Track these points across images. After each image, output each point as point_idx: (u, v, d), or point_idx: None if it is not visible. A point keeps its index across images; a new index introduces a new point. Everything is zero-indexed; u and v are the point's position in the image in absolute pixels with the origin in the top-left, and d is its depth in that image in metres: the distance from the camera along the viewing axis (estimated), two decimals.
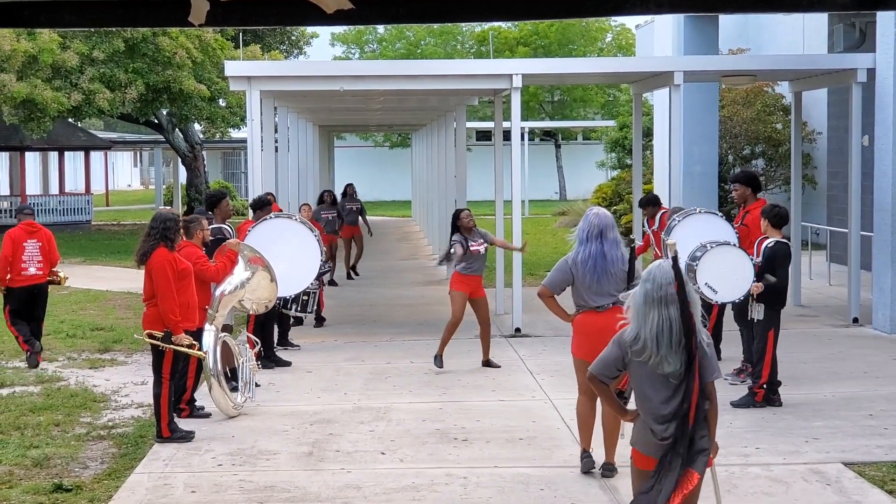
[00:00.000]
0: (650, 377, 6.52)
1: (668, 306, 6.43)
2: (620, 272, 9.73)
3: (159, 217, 11.28)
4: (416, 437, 11.24)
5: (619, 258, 9.76)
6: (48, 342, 17.07)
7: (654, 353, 6.44)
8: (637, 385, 6.64)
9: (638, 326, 6.51)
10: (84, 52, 32.39)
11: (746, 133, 29.34)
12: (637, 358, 6.52)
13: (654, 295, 6.46)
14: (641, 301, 6.50)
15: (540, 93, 62.12)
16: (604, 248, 9.72)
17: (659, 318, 6.42)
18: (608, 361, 6.70)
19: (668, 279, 6.46)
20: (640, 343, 6.48)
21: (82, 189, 50.77)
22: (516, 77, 17.75)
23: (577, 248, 9.84)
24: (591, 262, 9.71)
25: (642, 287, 6.53)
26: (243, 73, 17.93)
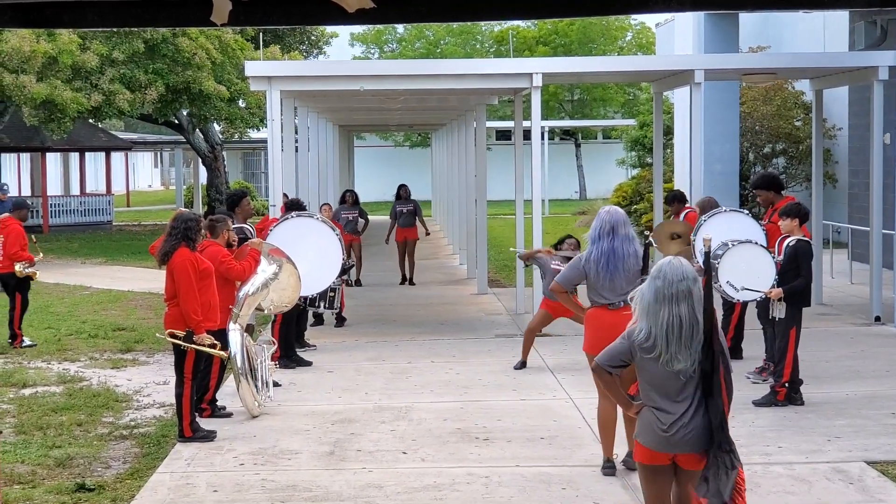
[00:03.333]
0: (660, 374, 6.53)
1: (678, 303, 6.43)
2: (633, 269, 9.75)
3: (181, 217, 11.31)
4: (437, 437, 11.24)
5: (631, 254, 9.79)
6: (71, 342, 17.16)
7: (665, 350, 6.44)
8: (645, 380, 6.65)
9: (649, 323, 6.50)
10: (104, 53, 32.46)
11: (767, 130, 29.26)
12: (647, 355, 6.53)
13: (664, 292, 6.45)
14: (652, 298, 6.50)
15: (560, 92, 62.08)
16: (615, 245, 9.75)
17: (670, 316, 6.43)
18: (614, 353, 6.71)
19: (679, 276, 6.46)
20: (651, 340, 6.48)
21: (103, 190, 50.93)
22: (536, 76, 17.75)
23: (589, 246, 9.88)
24: (604, 259, 9.75)
25: (652, 284, 6.53)
26: (264, 74, 17.97)
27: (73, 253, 32.82)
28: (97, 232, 42.25)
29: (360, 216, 23.95)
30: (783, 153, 30.07)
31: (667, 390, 6.54)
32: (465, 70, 19.84)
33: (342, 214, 23.41)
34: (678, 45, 30.66)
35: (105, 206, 46.15)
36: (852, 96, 26.64)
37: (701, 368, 6.46)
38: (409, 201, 25.00)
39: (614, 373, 6.77)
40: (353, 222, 23.51)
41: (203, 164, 44.76)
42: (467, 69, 20.11)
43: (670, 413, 6.52)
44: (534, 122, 18.18)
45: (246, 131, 41.35)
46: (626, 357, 6.65)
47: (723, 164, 24.73)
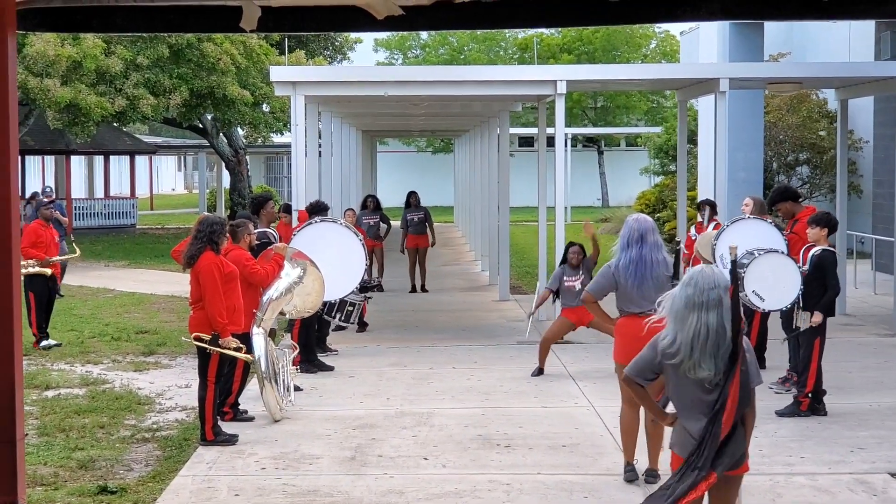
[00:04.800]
0: (685, 381, 6.51)
1: (707, 311, 6.41)
2: (662, 276, 9.74)
3: (206, 221, 11.33)
4: (458, 443, 11.23)
5: (660, 262, 9.78)
6: (94, 345, 17.22)
7: (688, 356, 6.42)
8: (673, 388, 6.64)
9: (675, 330, 6.49)
10: (128, 57, 32.58)
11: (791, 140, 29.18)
12: (669, 361, 6.51)
13: (695, 300, 6.44)
14: (682, 305, 6.48)
15: (583, 99, 62.05)
16: (643, 252, 9.74)
17: (697, 323, 6.41)
18: (643, 364, 6.70)
19: (710, 284, 6.44)
20: (675, 346, 6.47)
21: (127, 193, 51.08)
22: (561, 83, 17.75)
23: (618, 254, 9.87)
24: (633, 266, 9.74)
25: (683, 291, 6.51)
26: (288, 79, 18.01)
27: (96, 256, 32.91)
28: (121, 235, 42.38)
29: (381, 221, 23.92)
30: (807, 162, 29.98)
31: (692, 398, 6.52)
32: (489, 77, 19.84)
33: (363, 220, 23.41)
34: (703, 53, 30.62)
35: (129, 209, 46.31)
36: (878, 106, 26.55)
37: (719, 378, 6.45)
38: (419, 209, 24.82)
39: (645, 385, 6.76)
40: (374, 227, 23.48)
41: (226, 168, 44.85)
42: (492, 76, 20.12)
43: (699, 421, 6.49)
44: (557, 129, 18.17)
45: (269, 136, 41.41)
46: (655, 367, 6.63)
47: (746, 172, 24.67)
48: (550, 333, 14.89)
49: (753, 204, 14.59)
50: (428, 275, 24.55)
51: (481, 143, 29.20)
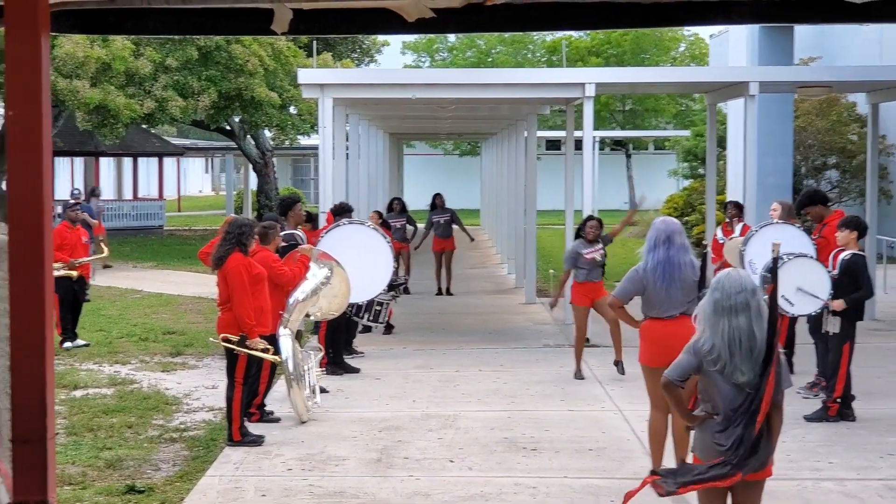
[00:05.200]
0: (724, 386, 6.51)
1: (737, 315, 6.42)
2: (689, 279, 9.70)
3: (235, 223, 11.37)
4: (484, 446, 11.24)
5: (687, 264, 9.75)
6: (122, 345, 17.30)
7: (728, 362, 6.42)
8: (709, 393, 6.63)
9: (712, 336, 6.49)
10: (157, 59, 32.71)
11: (820, 144, 29.08)
12: (713, 367, 6.51)
13: (723, 304, 6.45)
14: (711, 310, 6.50)
15: (612, 102, 61.95)
16: (670, 254, 9.72)
17: (729, 328, 6.42)
18: (683, 368, 6.69)
19: (737, 288, 6.45)
20: (716, 352, 6.47)
21: (155, 194, 51.28)
22: (589, 86, 17.73)
23: (645, 257, 9.84)
24: (660, 268, 9.70)
25: (711, 296, 6.53)
26: (316, 81, 18.06)
27: (124, 257, 33.04)
28: (149, 236, 42.54)
29: (408, 223, 23.93)
30: (836, 167, 29.86)
31: (731, 403, 6.52)
32: (517, 79, 19.85)
33: (390, 222, 23.44)
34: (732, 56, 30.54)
35: (157, 210, 46.50)
36: None
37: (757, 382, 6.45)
38: (445, 211, 24.80)
39: (683, 387, 6.76)
40: (400, 230, 23.49)
41: (253, 169, 44.97)
42: (520, 78, 20.13)
43: (730, 427, 6.49)
44: (586, 132, 18.15)
45: (296, 138, 41.51)
46: (694, 371, 6.63)
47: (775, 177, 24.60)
48: (577, 332, 14.86)
49: (781, 208, 14.55)
50: (454, 277, 24.56)
51: (508, 145, 29.21)
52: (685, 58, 64.69)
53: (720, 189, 28.87)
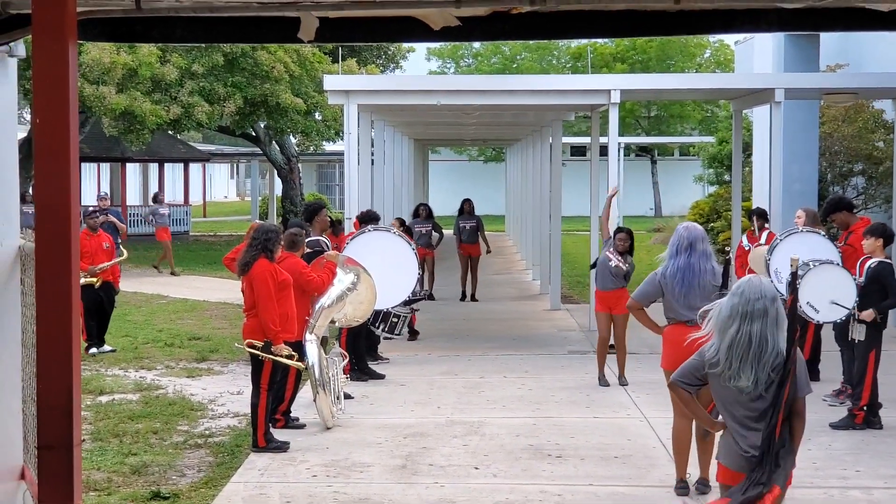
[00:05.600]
0: (726, 390, 6.52)
1: (751, 322, 6.41)
2: (709, 285, 9.71)
3: (261, 229, 11.40)
4: (509, 453, 11.22)
5: (708, 270, 9.75)
6: (147, 350, 17.35)
7: (727, 365, 6.43)
8: (716, 398, 6.64)
9: (718, 340, 6.51)
10: (183, 66, 32.81)
11: (846, 151, 28.94)
12: (712, 370, 6.52)
13: (740, 309, 6.45)
14: (727, 314, 6.50)
15: (636, 108, 61.89)
16: (691, 261, 9.73)
17: (738, 333, 6.42)
18: (688, 370, 6.73)
19: (756, 294, 6.45)
20: (718, 356, 6.48)
21: (181, 200, 51.40)
22: (615, 92, 17.72)
23: (666, 262, 9.88)
24: (680, 274, 9.73)
25: (729, 300, 6.53)
26: (342, 88, 18.10)
27: (150, 262, 33.12)
28: (174, 242, 42.59)
29: (434, 230, 23.94)
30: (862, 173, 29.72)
31: (740, 410, 6.52)
32: (542, 86, 19.86)
33: (415, 228, 23.44)
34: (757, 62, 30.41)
35: (183, 216, 46.60)
36: None
37: (775, 389, 6.43)
38: (472, 217, 24.80)
39: (691, 391, 6.75)
40: (426, 236, 23.49)
41: (278, 175, 45.04)
42: (545, 85, 20.14)
43: (747, 435, 6.49)
44: (611, 138, 18.14)
45: (321, 144, 41.56)
46: (700, 374, 6.64)
47: (801, 183, 24.48)
48: (599, 338, 14.87)
49: (806, 216, 14.49)
50: (479, 283, 24.56)
51: (533, 152, 29.19)
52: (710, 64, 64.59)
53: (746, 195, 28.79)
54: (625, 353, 14.83)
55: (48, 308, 4.74)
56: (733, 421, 6.57)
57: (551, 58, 67.00)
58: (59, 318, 4.72)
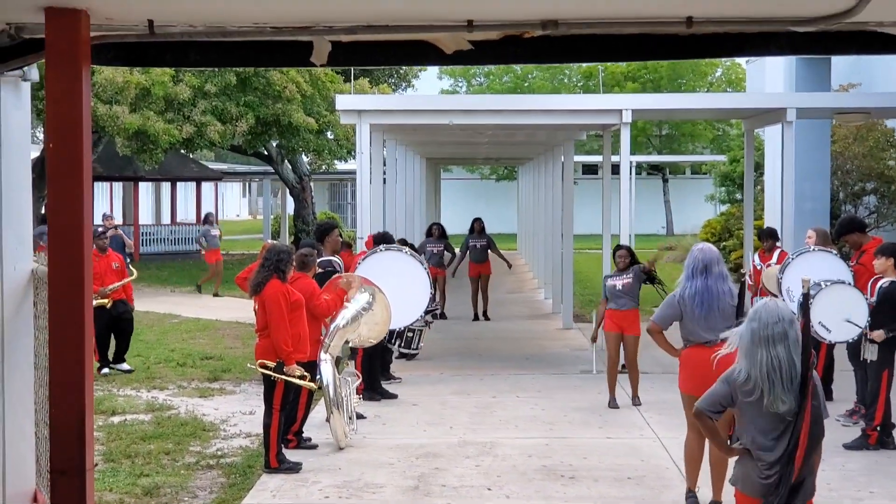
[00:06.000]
0: (762, 416, 6.47)
1: (775, 345, 6.38)
2: (728, 307, 9.71)
3: (273, 249, 11.42)
4: (522, 474, 11.20)
5: (725, 292, 9.76)
6: (159, 370, 17.35)
7: (769, 392, 6.38)
8: (746, 424, 6.59)
9: (748, 366, 6.46)
10: (196, 85, 32.87)
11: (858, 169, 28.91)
12: (748, 398, 6.47)
13: (760, 334, 6.42)
14: (749, 340, 6.47)
15: (648, 127, 61.87)
16: (709, 283, 9.74)
17: (768, 357, 6.38)
18: (715, 398, 6.66)
19: (774, 318, 6.42)
20: (752, 383, 6.43)
21: (193, 219, 51.44)
22: (626, 112, 17.71)
23: (683, 284, 9.88)
24: (698, 297, 9.73)
25: (748, 326, 6.50)
26: (354, 107, 18.11)
27: (162, 281, 33.17)
28: (187, 261, 42.63)
29: (445, 249, 23.94)
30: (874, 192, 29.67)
31: (768, 434, 6.47)
32: (554, 106, 19.85)
33: (428, 247, 23.45)
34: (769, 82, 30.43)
35: (195, 235, 46.59)
36: None
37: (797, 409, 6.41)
38: (482, 235, 24.80)
39: (715, 418, 6.73)
40: (438, 255, 23.50)
41: (290, 194, 45.07)
42: (557, 105, 20.13)
43: (771, 458, 6.45)
44: (623, 157, 18.12)
45: (333, 163, 41.59)
46: (727, 401, 6.60)
47: (813, 202, 24.47)
48: (609, 359, 14.83)
49: (816, 235, 14.48)
50: (491, 302, 24.55)
51: (545, 170, 29.19)
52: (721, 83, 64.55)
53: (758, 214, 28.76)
54: (637, 372, 14.80)
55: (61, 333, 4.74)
56: (760, 446, 6.51)
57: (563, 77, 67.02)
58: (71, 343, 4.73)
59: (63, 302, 4.80)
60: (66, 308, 4.79)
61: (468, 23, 5.20)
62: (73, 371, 4.80)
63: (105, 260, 17.32)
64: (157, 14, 5.14)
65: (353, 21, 5.16)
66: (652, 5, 5.20)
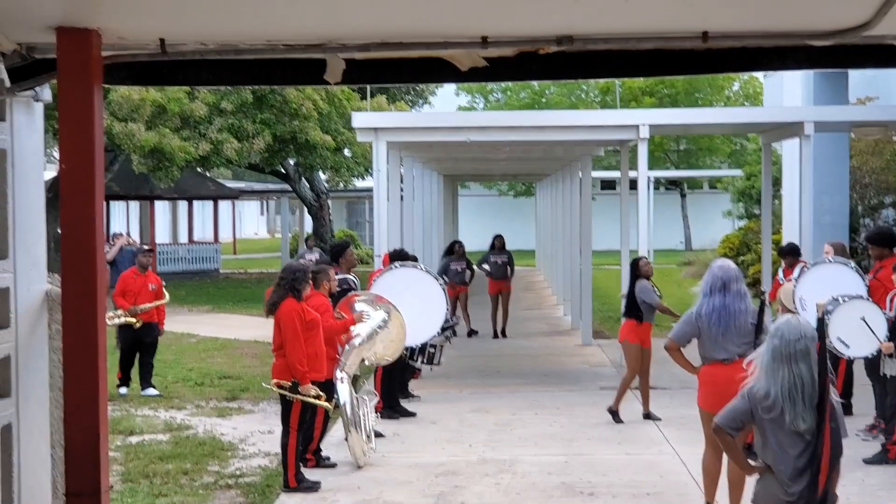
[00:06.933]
0: (783, 434, 6.41)
1: (797, 363, 6.34)
2: (746, 325, 9.65)
3: (289, 268, 11.42)
4: (541, 491, 11.15)
5: (743, 311, 9.70)
6: (177, 390, 17.33)
7: (790, 410, 6.33)
8: (766, 441, 6.53)
9: (768, 384, 6.41)
10: (212, 102, 32.92)
11: (876, 183, 28.83)
12: (767, 415, 6.42)
13: (782, 351, 6.37)
14: (770, 358, 6.42)
15: (666, 142, 61.77)
16: (726, 301, 9.68)
17: (790, 375, 6.33)
18: (735, 414, 6.61)
19: (796, 335, 6.37)
20: (771, 400, 6.38)
21: (210, 237, 51.51)
22: (643, 127, 17.69)
23: (701, 301, 9.83)
24: (716, 315, 9.68)
25: (770, 343, 6.45)
26: (370, 125, 18.13)
27: (180, 300, 33.18)
28: (204, 279, 42.70)
29: (467, 268, 23.94)
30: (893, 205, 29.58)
31: (789, 452, 6.42)
32: (571, 122, 19.86)
33: (451, 266, 23.46)
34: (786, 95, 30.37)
35: (212, 253, 46.68)
36: None
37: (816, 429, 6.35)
38: (503, 252, 24.72)
39: (735, 435, 6.67)
40: (461, 273, 23.51)
41: (308, 212, 45.11)
42: (574, 121, 20.14)
43: (792, 476, 6.39)
44: (640, 173, 18.09)
45: (351, 180, 41.61)
46: (747, 417, 6.55)
47: (832, 216, 24.40)
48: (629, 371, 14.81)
49: (833, 250, 14.42)
50: (510, 319, 24.49)
51: (563, 186, 29.17)
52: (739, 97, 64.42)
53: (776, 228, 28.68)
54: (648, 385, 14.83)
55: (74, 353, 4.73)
56: (781, 464, 6.45)
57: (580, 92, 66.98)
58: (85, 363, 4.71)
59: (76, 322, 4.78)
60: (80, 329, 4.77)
61: (483, 39, 5.19)
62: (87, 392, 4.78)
63: (142, 279, 17.19)
64: (169, 33, 5.13)
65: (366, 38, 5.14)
66: (667, 20, 5.18)
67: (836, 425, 6.37)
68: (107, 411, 4.79)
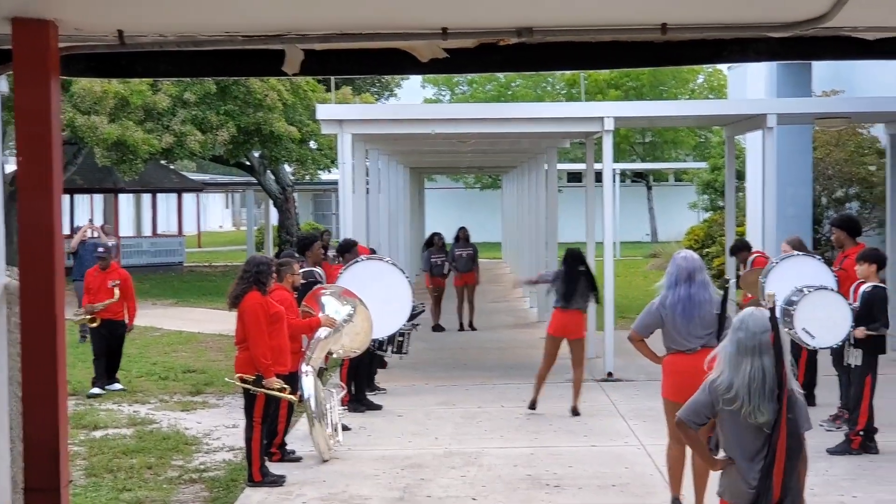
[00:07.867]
0: (742, 426, 6.42)
1: (761, 355, 6.34)
2: (710, 314, 9.69)
3: (252, 261, 11.36)
4: (507, 483, 11.16)
5: (707, 300, 9.73)
6: (141, 384, 17.24)
7: (748, 402, 6.34)
8: (728, 434, 6.54)
9: (731, 376, 6.41)
10: (175, 94, 32.72)
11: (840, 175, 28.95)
12: (728, 407, 6.42)
13: (747, 344, 6.37)
14: (734, 350, 6.42)
15: (631, 134, 61.91)
16: (692, 291, 9.71)
17: (751, 368, 6.33)
18: (697, 407, 6.61)
19: (761, 328, 6.37)
20: (733, 392, 6.38)
21: (175, 230, 51.29)
22: (608, 120, 17.70)
23: (665, 292, 9.84)
24: (680, 305, 9.71)
25: (734, 335, 6.45)
26: (335, 117, 18.07)
27: (144, 294, 32.95)
28: (168, 273, 42.50)
29: (446, 260, 23.95)
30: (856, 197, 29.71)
31: (749, 445, 6.42)
32: (537, 114, 19.85)
33: (431, 258, 23.46)
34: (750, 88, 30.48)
35: (176, 246, 46.41)
36: None
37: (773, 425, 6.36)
38: (468, 245, 24.71)
39: (697, 429, 6.68)
40: (440, 266, 23.54)
41: (274, 205, 44.95)
42: (539, 113, 20.12)
43: (755, 469, 6.40)
44: (605, 165, 18.11)
45: (317, 173, 41.47)
46: (709, 411, 6.55)
47: (795, 208, 24.48)
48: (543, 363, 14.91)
49: (791, 247, 14.47)
50: (476, 311, 24.47)
51: (529, 179, 29.20)
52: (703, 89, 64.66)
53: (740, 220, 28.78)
54: None
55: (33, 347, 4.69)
56: (743, 457, 6.46)
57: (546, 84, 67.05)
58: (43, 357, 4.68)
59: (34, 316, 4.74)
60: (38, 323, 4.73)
61: (443, 30, 5.17)
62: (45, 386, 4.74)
63: (102, 276, 17.02)
64: (128, 24, 5.08)
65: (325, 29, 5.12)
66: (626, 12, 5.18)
67: (794, 416, 6.37)
68: (66, 406, 4.76)
